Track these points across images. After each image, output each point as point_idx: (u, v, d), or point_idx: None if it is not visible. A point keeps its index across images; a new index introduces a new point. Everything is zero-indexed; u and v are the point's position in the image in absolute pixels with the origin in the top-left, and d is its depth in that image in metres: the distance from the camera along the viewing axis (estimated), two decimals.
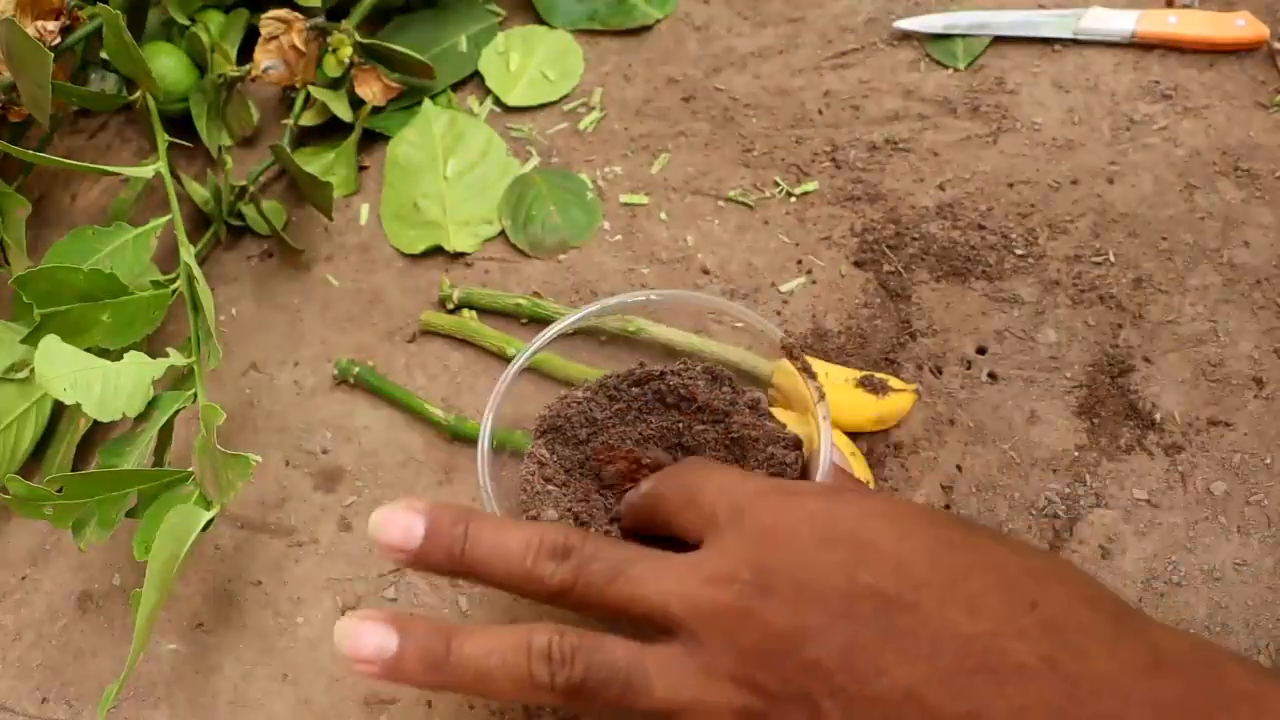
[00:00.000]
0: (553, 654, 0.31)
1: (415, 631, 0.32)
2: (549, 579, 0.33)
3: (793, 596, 0.30)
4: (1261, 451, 0.47)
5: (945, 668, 0.29)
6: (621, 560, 0.33)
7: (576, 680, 0.31)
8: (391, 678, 0.32)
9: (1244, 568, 0.44)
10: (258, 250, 0.58)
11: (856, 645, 0.29)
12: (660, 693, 0.31)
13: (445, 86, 0.62)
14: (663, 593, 0.32)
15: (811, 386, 0.42)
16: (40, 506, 0.43)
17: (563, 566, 0.33)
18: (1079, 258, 0.53)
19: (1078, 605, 0.30)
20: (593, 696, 0.31)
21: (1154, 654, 0.29)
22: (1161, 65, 0.59)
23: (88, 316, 0.46)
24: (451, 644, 0.32)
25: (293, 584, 0.48)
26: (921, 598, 0.30)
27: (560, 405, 0.44)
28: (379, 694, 0.44)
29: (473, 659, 0.32)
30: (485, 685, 0.32)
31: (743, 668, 0.30)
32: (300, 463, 0.51)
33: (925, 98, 0.59)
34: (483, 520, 0.34)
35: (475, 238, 0.56)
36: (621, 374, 0.45)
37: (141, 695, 0.46)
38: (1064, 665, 0.28)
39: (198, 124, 0.59)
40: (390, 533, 0.33)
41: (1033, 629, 0.29)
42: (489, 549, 0.33)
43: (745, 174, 0.57)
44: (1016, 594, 0.30)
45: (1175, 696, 0.28)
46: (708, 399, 0.43)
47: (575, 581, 0.33)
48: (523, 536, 0.33)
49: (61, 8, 0.54)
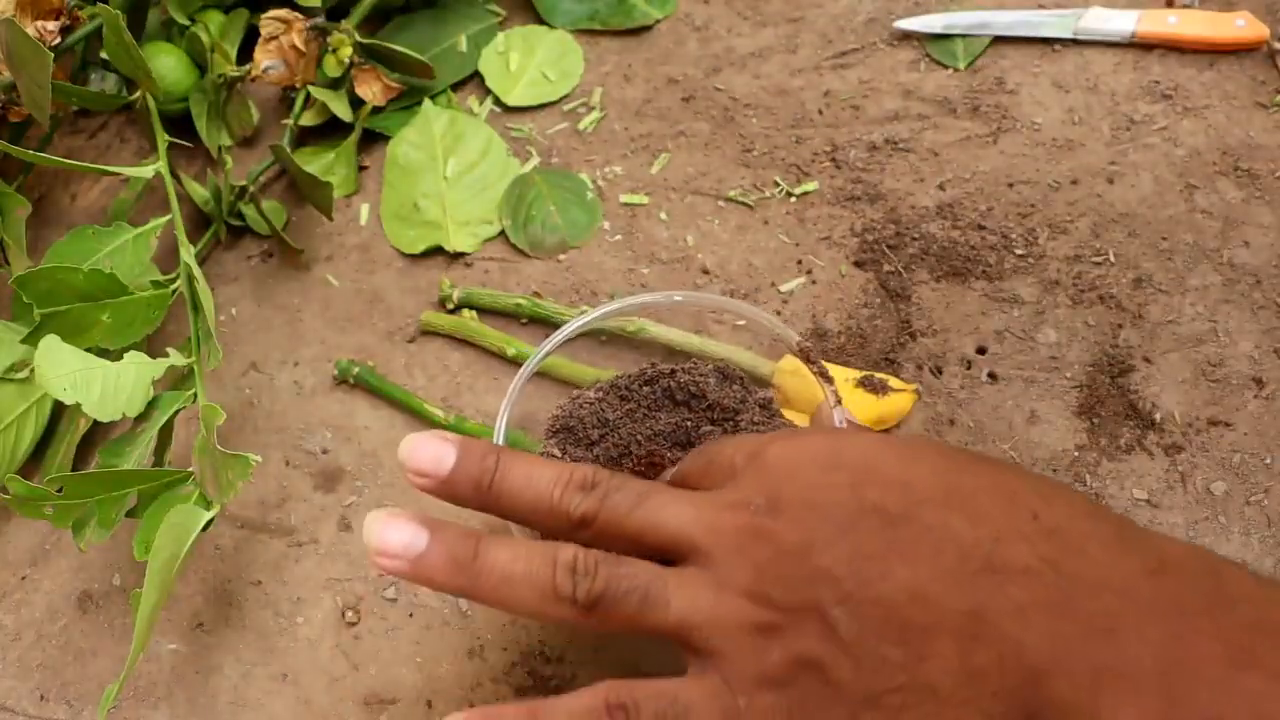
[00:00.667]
0: (577, 566, 0.32)
1: (446, 532, 0.33)
2: (574, 509, 0.33)
3: (801, 514, 0.31)
4: (1261, 451, 0.47)
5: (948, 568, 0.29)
6: (644, 491, 0.33)
7: (597, 592, 0.31)
8: (416, 576, 0.32)
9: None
10: (258, 250, 0.58)
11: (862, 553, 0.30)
12: (677, 607, 0.31)
13: (445, 86, 0.62)
14: (680, 519, 0.32)
15: (828, 391, 0.42)
16: (40, 506, 0.43)
17: (588, 497, 0.33)
18: (1079, 258, 0.53)
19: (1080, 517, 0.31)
20: (612, 610, 0.32)
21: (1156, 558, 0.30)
22: (1161, 65, 0.59)
23: (88, 316, 0.46)
24: (480, 548, 0.32)
25: (293, 584, 0.48)
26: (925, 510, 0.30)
27: (572, 405, 0.44)
28: (379, 694, 0.45)
29: (499, 564, 0.32)
30: (508, 592, 0.32)
31: (756, 583, 0.31)
32: (300, 463, 0.51)
33: (925, 98, 0.59)
34: (514, 454, 0.35)
35: (475, 238, 0.56)
36: (633, 374, 0.45)
37: (141, 695, 0.46)
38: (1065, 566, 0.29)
39: (198, 124, 0.59)
40: (420, 458, 0.34)
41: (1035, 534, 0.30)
42: (519, 480, 0.34)
43: (745, 174, 0.57)
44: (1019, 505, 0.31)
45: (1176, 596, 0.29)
46: (718, 397, 0.44)
47: (599, 510, 0.33)
48: (553, 470, 0.34)
49: (61, 8, 0.54)
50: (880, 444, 0.33)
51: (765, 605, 0.30)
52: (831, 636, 0.29)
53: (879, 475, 0.32)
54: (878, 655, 0.29)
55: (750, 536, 0.31)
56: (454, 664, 0.45)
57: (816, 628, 0.30)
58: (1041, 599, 0.29)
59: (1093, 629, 0.28)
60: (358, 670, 0.45)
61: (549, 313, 0.52)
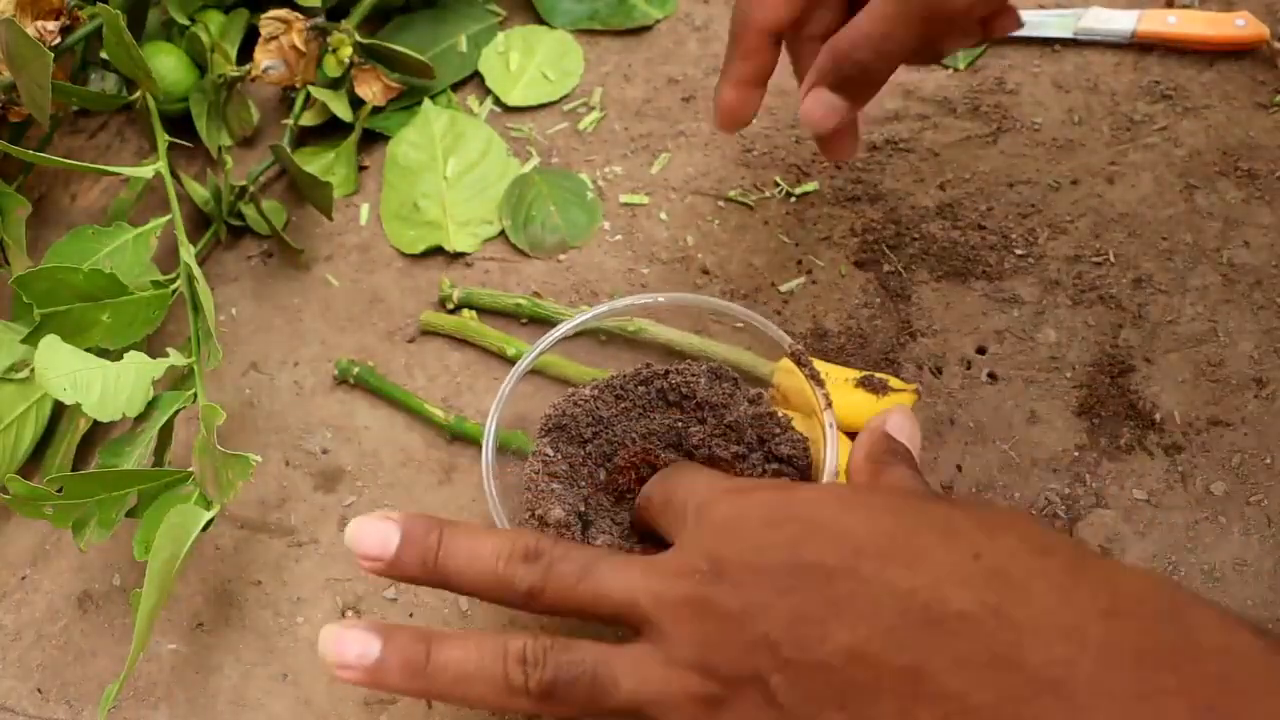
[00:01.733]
0: (526, 656, 0.32)
1: (397, 638, 0.33)
2: (519, 582, 0.33)
3: (741, 579, 0.31)
4: (1261, 451, 0.47)
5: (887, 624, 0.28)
6: (589, 560, 0.33)
7: (548, 680, 0.32)
8: (373, 684, 0.33)
9: (1244, 568, 0.44)
10: (258, 250, 0.58)
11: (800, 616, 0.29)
12: (626, 688, 0.31)
13: (445, 86, 0.62)
14: (628, 589, 0.32)
15: (819, 393, 0.42)
16: (40, 506, 0.43)
17: (533, 569, 0.33)
18: (1079, 258, 0.53)
19: (1027, 553, 0.29)
20: (564, 697, 0.32)
21: (1111, 598, 0.27)
22: (1161, 65, 0.59)
23: (88, 316, 0.46)
24: (431, 650, 0.33)
25: (293, 584, 0.48)
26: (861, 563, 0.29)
27: (566, 404, 0.44)
28: (379, 694, 0.45)
29: (451, 664, 0.32)
30: (464, 689, 0.32)
31: (700, 655, 0.31)
32: (300, 463, 0.51)
33: (925, 98, 0.59)
34: (456, 528, 0.35)
35: (475, 238, 0.56)
36: (629, 374, 0.45)
37: (141, 695, 0.46)
38: (1008, 611, 0.27)
39: (198, 124, 0.59)
40: (366, 542, 0.34)
41: (975, 577, 0.28)
42: (463, 556, 0.34)
43: (745, 174, 0.57)
44: (960, 545, 0.29)
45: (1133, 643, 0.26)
46: (707, 395, 0.44)
47: (545, 583, 0.33)
48: (495, 543, 0.34)
49: (61, 8, 0.54)
50: (823, 495, 0.33)
51: (710, 677, 0.30)
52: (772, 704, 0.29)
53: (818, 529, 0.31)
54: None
55: (694, 606, 0.31)
56: None
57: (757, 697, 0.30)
58: (984, 650, 0.27)
59: (1040, 681, 0.26)
60: None
61: (549, 313, 0.52)
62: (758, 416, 0.43)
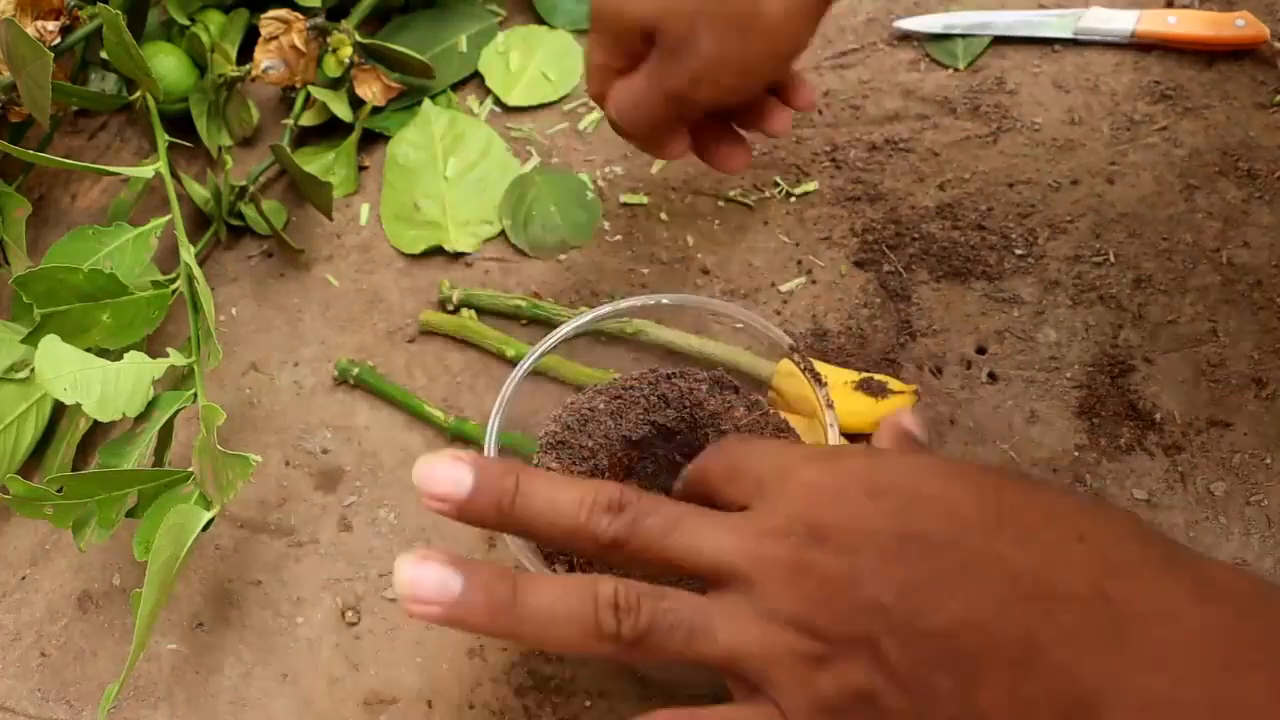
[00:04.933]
0: (619, 602, 0.31)
1: (480, 574, 0.31)
2: (603, 532, 0.32)
3: (846, 544, 0.31)
4: (1261, 451, 0.47)
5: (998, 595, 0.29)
6: (676, 515, 0.33)
7: (643, 628, 0.31)
8: (453, 621, 0.31)
9: (1244, 568, 0.44)
10: (258, 250, 0.58)
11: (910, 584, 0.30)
12: (724, 639, 0.31)
13: (445, 86, 0.62)
14: (718, 547, 0.32)
15: (820, 393, 0.42)
16: (40, 506, 0.43)
17: (618, 520, 0.32)
18: (1079, 258, 0.53)
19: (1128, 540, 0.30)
20: (659, 644, 0.31)
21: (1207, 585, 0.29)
22: (1161, 65, 0.59)
23: (88, 316, 0.46)
24: (518, 589, 0.31)
25: (293, 584, 0.48)
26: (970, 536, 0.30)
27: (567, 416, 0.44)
28: (379, 694, 0.45)
29: (541, 605, 0.31)
30: (551, 632, 0.31)
31: (803, 614, 0.30)
32: (300, 463, 0.51)
33: (925, 98, 0.59)
34: (533, 473, 0.33)
35: (475, 238, 0.56)
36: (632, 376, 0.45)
37: (141, 695, 0.46)
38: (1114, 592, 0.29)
39: (198, 124, 0.59)
40: (437, 482, 0.33)
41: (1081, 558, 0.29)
42: (541, 502, 0.33)
43: (745, 174, 0.57)
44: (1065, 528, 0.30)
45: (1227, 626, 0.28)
46: (704, 399, 0.44)
47: (631, 535, 0.32)
48: (577, 491, 0.33)
49: (61, 8, 0.54)
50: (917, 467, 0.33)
51: (813, 636, 0.30)
52: (883, 667, 0.29)
53: (922, 500, 0.31)
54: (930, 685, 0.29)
55: (795, 569, 0.31)
56: (454, 664, 0.45)
57: (867, 659, 0.30)
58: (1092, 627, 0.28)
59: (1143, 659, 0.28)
60: (358, 670, 0.45)
61: (549, 313, 0.52)
62: (755, 421, 0.43)
